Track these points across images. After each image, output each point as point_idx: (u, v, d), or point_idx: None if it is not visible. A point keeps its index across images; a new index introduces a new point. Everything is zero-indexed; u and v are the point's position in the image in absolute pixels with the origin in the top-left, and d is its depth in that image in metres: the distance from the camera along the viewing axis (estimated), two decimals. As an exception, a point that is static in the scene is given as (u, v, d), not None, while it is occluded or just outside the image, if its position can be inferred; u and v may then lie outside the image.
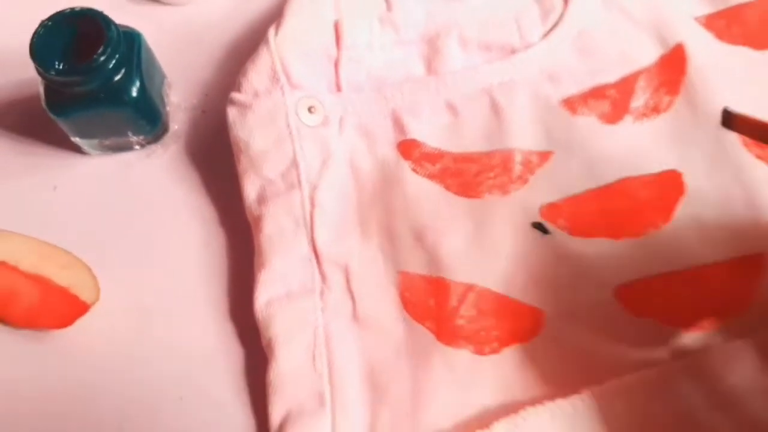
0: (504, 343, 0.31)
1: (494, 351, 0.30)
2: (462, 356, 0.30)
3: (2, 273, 0.31)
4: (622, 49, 0.36)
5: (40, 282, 0.31)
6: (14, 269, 0.31)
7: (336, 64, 0.36)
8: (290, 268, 0.32)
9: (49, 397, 0.32)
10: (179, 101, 0.37)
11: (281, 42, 0.34)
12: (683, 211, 0.32)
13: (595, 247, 0.32)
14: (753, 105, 0.33)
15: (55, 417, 0.32)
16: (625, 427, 0.28)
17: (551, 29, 0.36)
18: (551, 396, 0.28)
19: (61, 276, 0.32)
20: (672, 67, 0.35)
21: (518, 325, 0.31)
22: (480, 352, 0.30)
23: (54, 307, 0.32)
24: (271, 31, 0.34)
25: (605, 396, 0.29)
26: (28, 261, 0.31)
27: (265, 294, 0.32)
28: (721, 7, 0.37)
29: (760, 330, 0.28)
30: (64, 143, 0.36)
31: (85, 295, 0.32)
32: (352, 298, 0.32)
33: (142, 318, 0.33)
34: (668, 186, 0.33)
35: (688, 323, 0.30)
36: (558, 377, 0.30)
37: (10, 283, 0.31)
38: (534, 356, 0.30)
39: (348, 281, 0.32)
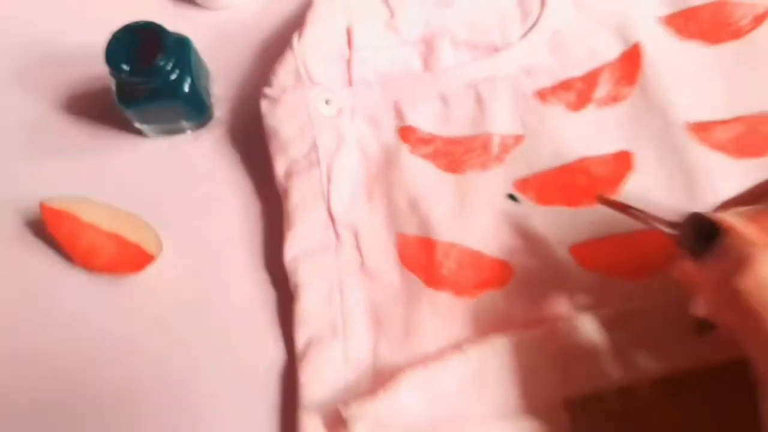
0: (478, 289, 0.34)
1: (470, 295, 0.34)
2: (444, 298, 0.34)
3: (88, 231, 0.36)
4: (590, 47, 0.39)
5: (116, 238, 0.36)
6: (97, 228, 0.36)
7: (348, 63, 0.39)
8: (311, 230, 0.36)
9: (123, 326, 0.36)
10: (221, 93, 0.40)
11: (303, 47, 0.38)
12: (631, 184, 0.35)
13: (556, 214, 0.35)
14: (699, 93, 0.37)
15: (127, 343, 0.36)
16: (531, 372, 0.31)
17: (529, 30, 0.39)
18: (511, 331, 0.32)
19: (132, 234, 0.36)
20: (630, 62, 0.38)
21: (490, 275, 0.34)
22: (459, 295, 0.34)
23: (127, 258, 0.36)
24: (295, 38, 0.38)
25: (513, 343, 0.31)
26: (106, 222, 0.36)
27: (292, 250, 0.36)
28: (681, 7, 0.40)
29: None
30: (128, 128, 0.40)
31: (151, 249, 0.36)
32: (360, 254, 0.36)
33: (196, 267, 0.37)
34: (620, 164, 0.36)
35: (629, 276, 0.33)
36: (521, 318, 0.33)
37: (94, 239, 0.36)
38: (502, 300, 0.34)
39: (357, 240, 0.36)
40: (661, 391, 0.30)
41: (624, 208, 0.31)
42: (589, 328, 0.31)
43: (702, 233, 0.27)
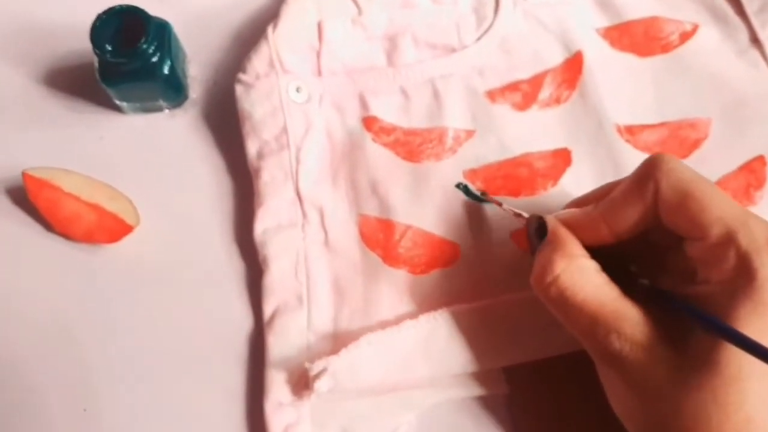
0: (430, 266, 0.36)
1: (423, 272, 0.36)
2: (400, 275, 0.36)
3: (69, 201, 0.37)
4: (536, 52, 0.41)
5: (96, 208, 0.37)
6: (77, 198, 0.37)
7: (318, 55, 0.40)
8: (280, 207, 0.37)
9: (100, 293, 0.38)
10: (196, 75, 0.42)
11: (277, 38, 0.39)
12: (567, 178, 0.38)
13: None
14: (630, 99, 0.41)
15: (104, 309, 0.37)
16: (473, 341, 0.33)
17: (483, 34, 0.41)
18: (458, 304, 0.34)
19: (111, 205, 0.37)
20: (572, 68, 0.40)
21: (441, 254, 0.37)
22: (413, 272, 0.36)
23: (106, 228, 0.37)
24: (270, 29, 0.39)
25: (460, 314, 0.34)
26: (86, 193, 0.37)
27: (262, 225, 0.37)
28: (616, 21, 0.42)
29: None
30: (107, 104, 0.41)
31: (129, 220, 0.37)
32: (325, 230, 0.37)
33: (171, 238, 0.38)
34: (559, 159, 0.39)
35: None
36: (468, 293, 0.35)
37: (74, 209, 0.37)
38: (451, 277, 0.36)
39: (322, 218, 0.38)
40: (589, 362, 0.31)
41: (499, 205, 0.35)
42: (523, 303, 0.34)
43: (540, 231, 0.31)
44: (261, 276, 0.37)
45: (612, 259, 0.30)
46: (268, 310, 0.36)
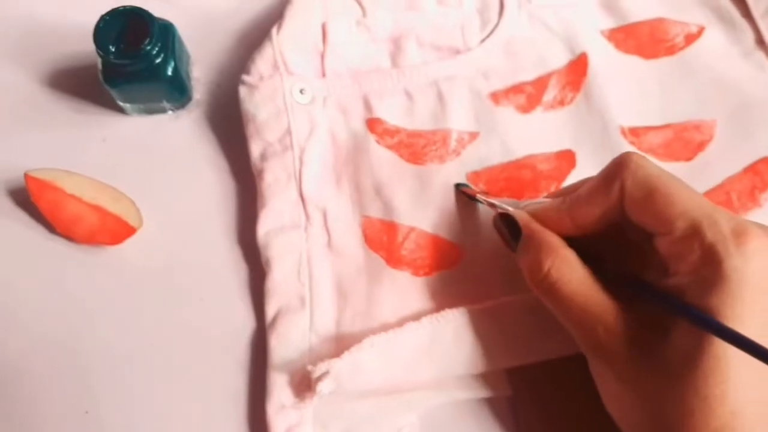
0: (433, 269, 0.36)
1: (426, 274, 0.36)
2: (403, 276, 0.36)
3: (71, 202, 0.37)
4: (540, 54, 0.41)
5: (99, 210, 0.37)
6: (79, 200, 0.37)
7: (322, 57, 0.40)
8: (283, 208, 0.37)
9: (102, 295, 0.37)
10: (200, 76, 0.42)
11: (281, 39, 0.39)
12: (572, 180, 0.38)
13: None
14: (635, 101, 0.41)
15: (106, 311, 0.37)
16: (477, 343, 0.33)
17: (487, 36, 0.41)
18: (461, 306, 0.34)
19: (113, 206, 0.37)
20: (577, 70, 0.40)
21: (444, 256, 0.37)
22: (416, 274, 0.36)
23: (109, 229, 0.37)
24: (274, 30, 0.39)
25: (463, 316, 0.34)
26: (89, 194, 0.37)
27: (265, 226, 0.37)
28: (621, 23, 0.42)
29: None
30: (110, 105, 0.41)
31: (132, 221, 0.38)
32: (328, 232, 0.37)
33: (173, 239, 0.38)
34: (564, 161, 0.39)
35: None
36: (470, 295, 0.35)
37: (77, 210, 0.37)
38: (454, 279, 0.36)
39: (325, 220, 0.38)
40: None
41: (475, 196, 0.35)
42: (524, 306, 0.34)
43: (510, 226, 0.32)
44: (263, 278, 0.37)
45: (586, 251, 0.31)
46: (270, 312, 0.36)
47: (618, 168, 0.29)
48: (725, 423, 0.25)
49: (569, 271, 0.29)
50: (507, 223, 0.33)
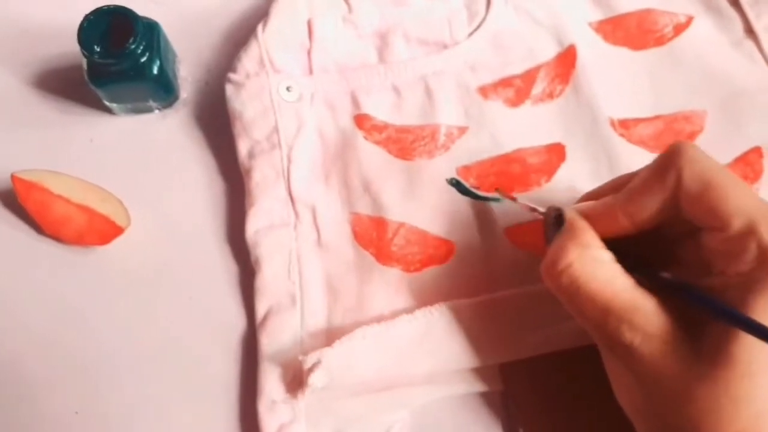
0: (424, 264, 0.36)
1: (417, 270, 0.36)
2: (393, 273, 0.36)
3: (59, 203, 0.37)
4: (528, 47, 0.41)
5: (87, 210, 0.37)
6: (67, 200, 0.37)
7: (309, 53, 0.40)
8: (272, 207, 0.37)
9: (91, 295, 0.38)
10: (187, 75, 0.42)
11: (267, 37, 0.39)
12: (562, 173, 0.38)
13: (493, 198, 0.37)
14: (624, 93, 0.40)
15: (96, 311, 0.37)
16: (469, 337, 0.34)
17: (475, 30, 0.41)
18: (454, 301, 0.34)
19: (101, 206, 0.37)
20: (565, 63, 0.40)
21: (435, 252, 0.37)
22: (407, 270, 0.36)
23: (97, 230, 0.37)
24: (260, 28, 0.39)
25: (456, 310, 0.34)
26: (77, 195, 0.37)
27: (254, 225, 0.37)
28: (610, 14, 0.42)
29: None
30: (97, 105, 0.40)
31: (120, 221, 0.37)
32: (317, 230, 0.37)
33: (162, 239, 0.38)
34: (553, 154, 0.39)
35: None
36: (462, 291, 0.35)
37: (65, 211, 0.37)
38: (445, 275, 0.36)
39: (314, 218, 0.38)
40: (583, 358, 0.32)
41: (513, 200, 0.35)
42: (519, 300, 0.34)
43: (557, 222, 0.31)
44: (253, 276, 0.37)
45: (627, 251, 0.30)
46: (261, 310, 0.36)
47: (673, 157, 0.28)
48: (750, 425, 0.25)
49: (595, 269, 0.28)
50: (555, 219, 0.32)
